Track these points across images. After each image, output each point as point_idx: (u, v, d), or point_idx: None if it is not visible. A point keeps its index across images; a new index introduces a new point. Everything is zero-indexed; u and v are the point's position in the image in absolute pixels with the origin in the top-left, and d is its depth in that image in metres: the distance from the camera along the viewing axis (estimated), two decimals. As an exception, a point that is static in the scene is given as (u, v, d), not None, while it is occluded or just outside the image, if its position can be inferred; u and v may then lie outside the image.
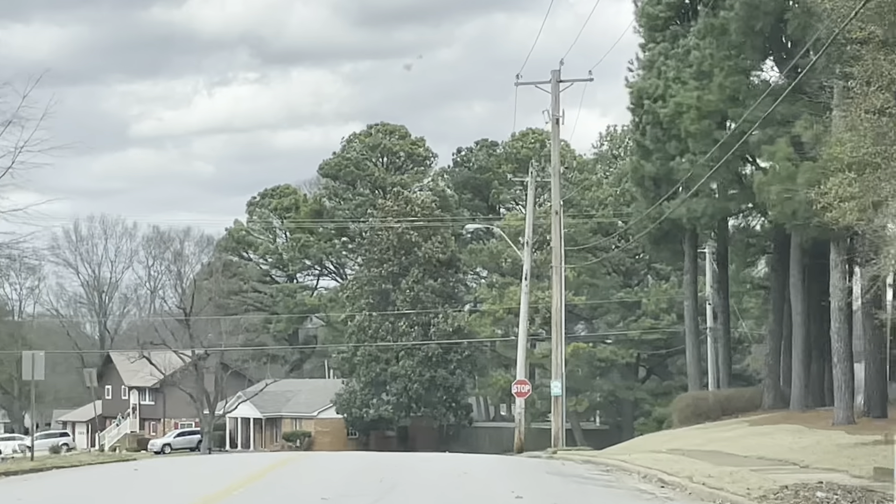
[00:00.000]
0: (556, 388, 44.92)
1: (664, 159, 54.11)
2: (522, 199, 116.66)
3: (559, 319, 44.33)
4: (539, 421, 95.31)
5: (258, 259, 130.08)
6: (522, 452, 58.71)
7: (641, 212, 57.90)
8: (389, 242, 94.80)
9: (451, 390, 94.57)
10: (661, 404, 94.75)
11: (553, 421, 45.49)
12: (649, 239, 59.31)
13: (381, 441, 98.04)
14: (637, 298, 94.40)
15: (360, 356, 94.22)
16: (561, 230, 45.32)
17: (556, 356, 44.56)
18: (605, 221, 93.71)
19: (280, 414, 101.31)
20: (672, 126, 52.46)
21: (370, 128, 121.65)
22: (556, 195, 45.12)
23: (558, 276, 44.66)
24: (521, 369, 58.81)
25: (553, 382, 45.00)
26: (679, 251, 60.63)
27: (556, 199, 45.09)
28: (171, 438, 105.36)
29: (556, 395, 45.16)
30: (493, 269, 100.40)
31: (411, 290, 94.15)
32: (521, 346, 58.84)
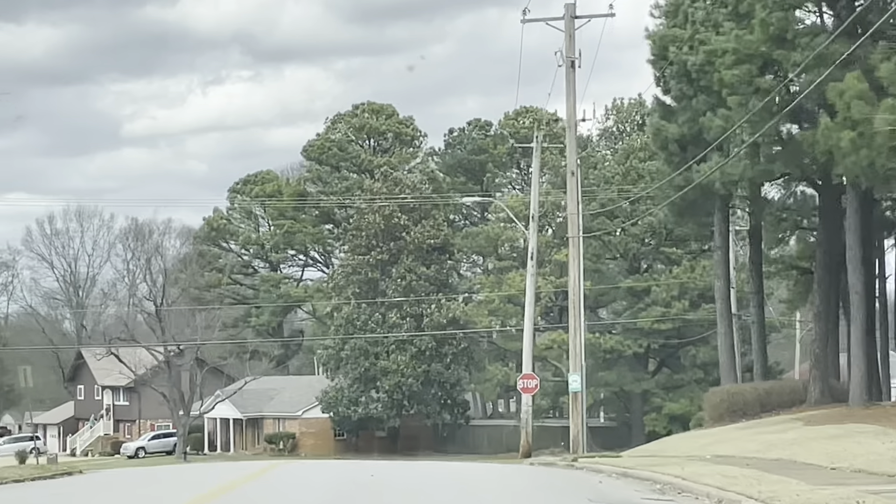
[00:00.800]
0: (575, 382, 37.76)
1: (692, 118, 46.96)
2: (519, 182, 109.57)
3: (578, 300, 37.19)
4: (540, 419, 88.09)
5: (239, 250, 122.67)
6: (530, 457, 51.49)
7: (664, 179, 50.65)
8: (377, 227, 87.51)
9: (447, 386, 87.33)
10: (673, 399, 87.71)
11: (572, 421, 38.36)
12: (672, 210, 52.10)
13: (370, 442, 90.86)
14: (646, 285, 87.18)
15: (348, 351, 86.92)
16: (578, 194, 38.20)
17: (574, 345, 37.42)
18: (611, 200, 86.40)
19: (262, 414, 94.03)
20: (702, 77, 45.29)
21: (356, 108, 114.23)
22: (571, 152, 37.96)
23: (576, 249, 37.49)
24: (528, 362, 51.69)
25: (571, 376, 37.87)
26: (706, 224, 53.42)
27: (571, 158, 37.93)
28: (146, 442, 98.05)
29: (575, 391, 38.01)
30: (490, 254, 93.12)
31: (402, 278, 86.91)
32: (528, 335, 51.69)
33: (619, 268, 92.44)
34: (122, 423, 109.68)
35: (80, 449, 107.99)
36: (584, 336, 37.82)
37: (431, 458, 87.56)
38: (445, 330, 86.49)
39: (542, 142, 52.63)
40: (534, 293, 52.41)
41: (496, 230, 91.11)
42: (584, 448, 37.91)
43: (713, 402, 48.77)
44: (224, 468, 43.48)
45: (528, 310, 51.88)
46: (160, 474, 40.00)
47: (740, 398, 47.89)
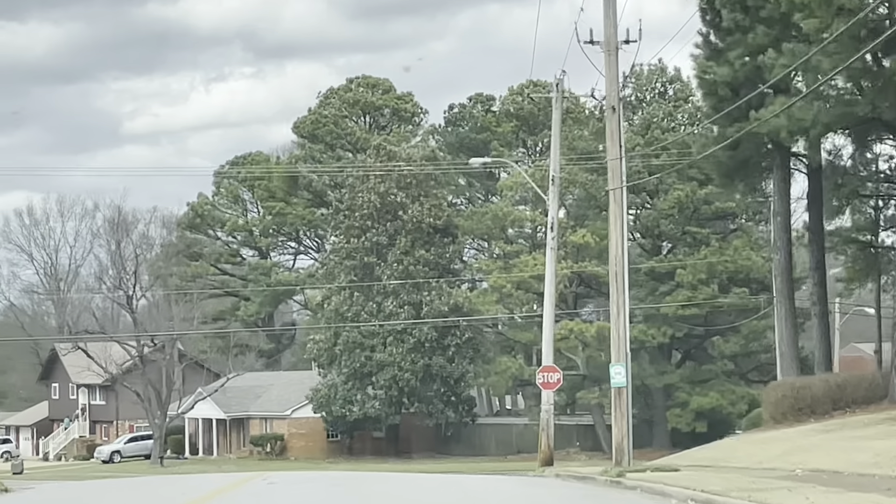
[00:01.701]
0: (619, 375, 29.46)
1: (746, 54, 38.61)
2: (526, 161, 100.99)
3: (621, 271, 28.87)
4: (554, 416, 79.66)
5: (226, 237, 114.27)
6: (552, 464, 43.18)
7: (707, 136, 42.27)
8: (372, 206, 79.11)
9: (450, 381, 78.98)
10: (700, 393, 79.29)
11: (615, 423, 30.02)
12: (719, 172, 43.75)
13: (366, 444, 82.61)
14: (670, 267, 78.73)
15: (341, 343, 78.57)
16: (621, 134, 29.83)
17: (617, 328, 29.10)
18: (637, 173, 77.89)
19: (248, 413, 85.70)
20: (762, 4, 36.96)
21: (350, 82, 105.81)
22: (612, 82, 29.63)
23: (619, 206, 29.13)
24: (548, 352, 43.41)
25: (614, 368, 29.56)
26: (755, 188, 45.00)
27: (612, 89, 29.59)
28: (122, 445, 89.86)
29: (620, 386, 29.68)
30: (497, 236, 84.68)
31: (399, 262, 78.54)
32: (548, 321, 43.41)
33: (640, 249, 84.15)
34: (98, 425, 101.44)
35: (54, 453, 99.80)
36: (628, 316, 29.38)
37: (434, 461, 79.30)
38: (448, 319, 78.20)
39: (563, 91, 44.15)
40: (555, 271, 44.05)
41: (504, 209, 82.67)
42: (629, 457, 29.58)
43: (774, 399, 40.42)
44: (179, 485, 35.20)
45: (549, 291, 43.56)
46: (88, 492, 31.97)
47: (807, 393, 39.52)
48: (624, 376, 29.40)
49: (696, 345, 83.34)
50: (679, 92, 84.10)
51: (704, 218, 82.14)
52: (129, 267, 78.30)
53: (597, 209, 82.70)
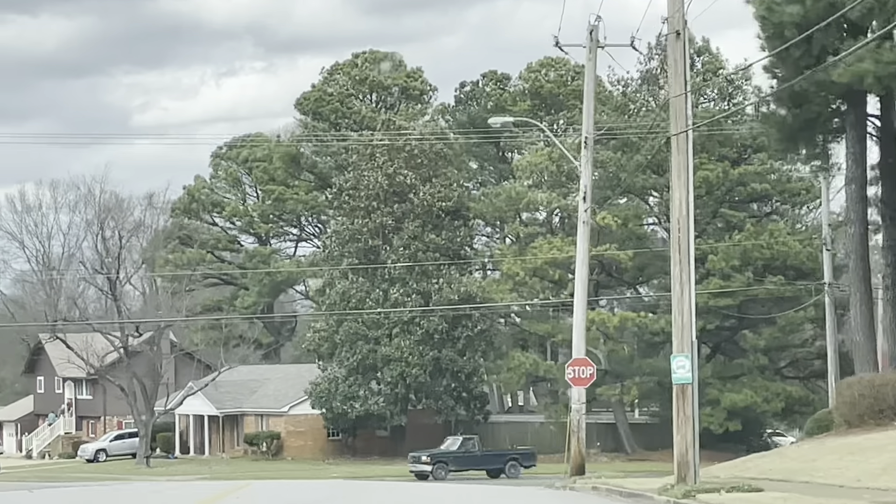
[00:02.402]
0: (683, 368, 23.15)
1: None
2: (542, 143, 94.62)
3: (686, 235, 22.63)
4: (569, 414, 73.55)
5: (224, 223, 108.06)
6: (584, 473, 36.97)
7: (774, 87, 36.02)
8: (378, 186, 72.87)
9: (461, 376, 72.75)
10: (732, 390, 73.02)
11: (677, 428, 23.68)
12: (780, 132, 37.41)
13: (370, 443, 76.48)
14: (700, 253, 72.25)
15: (342, 333, 72.36)
16: (686, 67, 23.66)
17: (681, 308, 22.78)
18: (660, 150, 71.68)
19: (242, 410, 79.52)
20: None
21: (356, 57, 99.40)
22: (675, 2, 23.52)
23: (683, 154, 22.90)
24: (580, 342, 37.28)
25: (676, 359, 23.24)
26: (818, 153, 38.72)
27: (675, 8, 23.48)
28: (107, 443, 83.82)
29: (684, 382, 23.42)
30: (512, 219, 78.38)
31: (407, 247, 72.30)
32: (580, 306, 37.28)
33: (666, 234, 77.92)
34: (85, 421, 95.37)
35: (37, 450, 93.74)
36: (693, 294, 23.05)
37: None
38: (459, 309, 72.02)
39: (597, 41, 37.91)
40: (587, 248, 37.86)
41: (519, 189, 76.34)
42: (696, 472, 23.32)
43: (848, 398, 34.11)
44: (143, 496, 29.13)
45: (581, 272, 37.43)
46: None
47: (889, 392, 33.20)
48: (689, 370, 23.14)
49: (726, 338, 77.11)
50: (708, 64, 77.85)
51: (738, 200, 75.96)
52: (112, 250, 72.05)
53: (619, 189, 76.50)
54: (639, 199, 78.29)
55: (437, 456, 61.59)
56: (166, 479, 64.06)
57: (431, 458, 61.03)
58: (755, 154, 74.34)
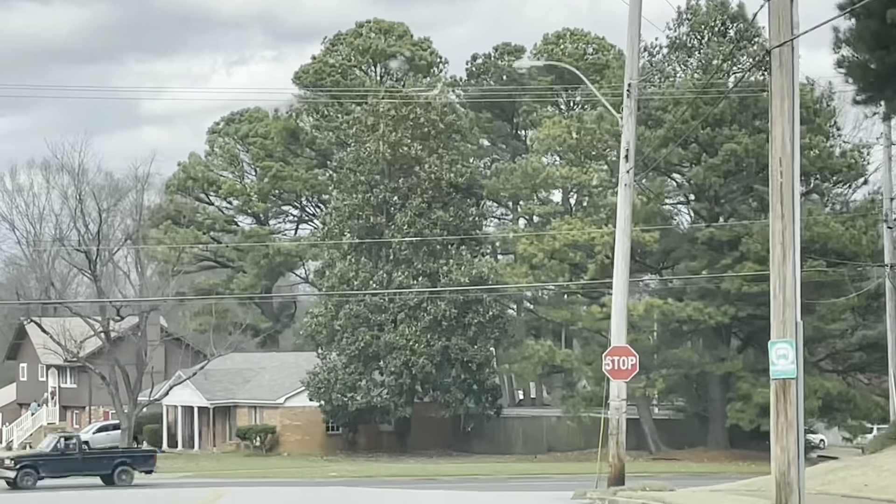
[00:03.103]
0: (786, 359, 17.24)
1: None
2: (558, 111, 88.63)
3: (790, 179, 16.71)
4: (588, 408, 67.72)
5: (220, 203, 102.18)
6: (623, 482, 31.06)
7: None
8: (381, 157, 66.97)
9: (471, 367, 66.80)
10: (765, 384, 66.68)
11: (777, 436, 17.58)
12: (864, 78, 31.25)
13: (373, 438, 70.74)
14: (732, 235, 66.46)
15: (343, 319, 66.49)
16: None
17: (783, 278, 16.87)
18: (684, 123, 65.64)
19: (234, 401, 73.70)
20: None
21: (359, 26, 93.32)
22: None
23: (787, 74, 16.93)
24: (620, 328, 31.48)
25: (776, 347, 17.24)
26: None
27: None
28: (90, 435, 77.69)
29: (786, 377, 17.50)
30: (528, 196, 72.35)
31: (412, 224, 66.38)
32: (620, 285, 31.51)
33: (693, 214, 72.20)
34: (69, 411, 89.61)
35: (19, 441, 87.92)
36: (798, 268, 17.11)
37: (451, 460, 67.37)
38: (470, 293, 66.14)
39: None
40: (630, 216, 31.95)
41: (535, 165, 70.33)
42: (801, 495, 17.35)
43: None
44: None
45: (622, 244, 31.57)
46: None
47: None
48: (793, 360, 17.24)
49: (759, 327, 70.84)
50: (742, 32, 71.66)
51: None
52: (92, 226, 66.19)
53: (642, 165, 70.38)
54: (664, 176, 72.22)
55: (24, 459, 50.49)
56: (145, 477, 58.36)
57: (16, 461, 49.60)
58: (792, 127, 68.28)
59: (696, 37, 71.32)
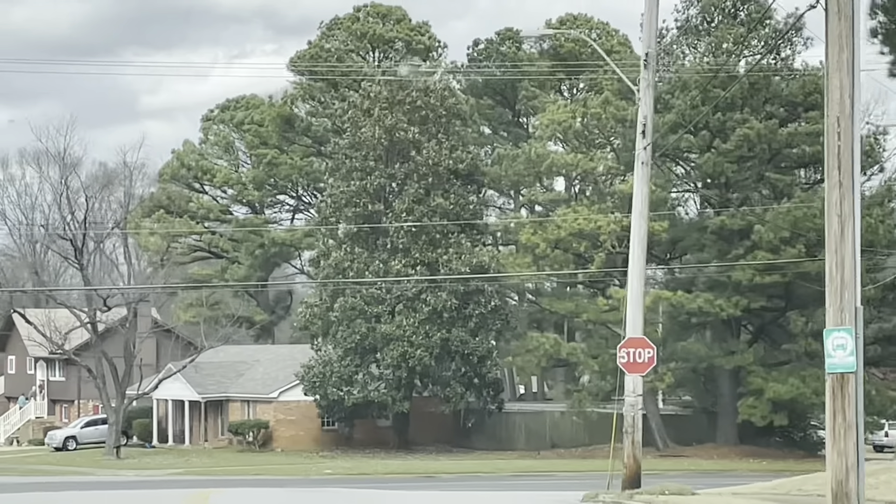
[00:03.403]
0: (844, 349, 14.77)
1: None
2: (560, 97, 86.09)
3: (850, 141, 14.31)
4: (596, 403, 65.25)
5: (215, 192, 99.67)
6: (639, 484, 28.59)
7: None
8: (378, 142, 64.46)
9: (472, 360, 64.33)
10: (779, 379, 64.51)
11: (833, 438, 15.07)
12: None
13: (370, 433, 68.29)
14: (744, 224, 63.96)
15: (338, 310, 64.00)
16: None
17: (840, 258, 14.45)
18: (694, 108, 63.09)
19: (227, 395, 71.19)
20: None
21: (356, 10, 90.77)
22: None
23: (846, 21, 14.52)
24: (636, 316, 29.07)
25: (833, 336, 14.86)
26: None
27: None
28: (78, 429, 75.65)
29: (845, 371, 14.98)
30: (531, 183, 69.84)
31: (410, 212, 63.88)
32: (636, 271, 29.03)
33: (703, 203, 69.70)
34: (58, 404, 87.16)
35: (5, 436, 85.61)
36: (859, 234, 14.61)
37: (451, 457, 64.90)
38: (470, 283, 63.61)
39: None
40: (647, 195, 29.45)
41: (539, 150, 67.81)
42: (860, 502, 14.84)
43: None
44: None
45: (638, 227, 29.08)
46: None
47: None
48: (852, 351, 14.69)
49: (771, 320, 68.56)
50: (754, 13, 69.13)
51: (786, 164, 67.50)
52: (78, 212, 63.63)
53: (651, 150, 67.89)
54: (672, 163, 69.70)
55: None
56: (134, 475, 56.03)
57: None
58: (806, 113, 65.69)
59: (707, 19, 68.80)
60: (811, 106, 65.44)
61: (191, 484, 47.30)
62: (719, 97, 62.27)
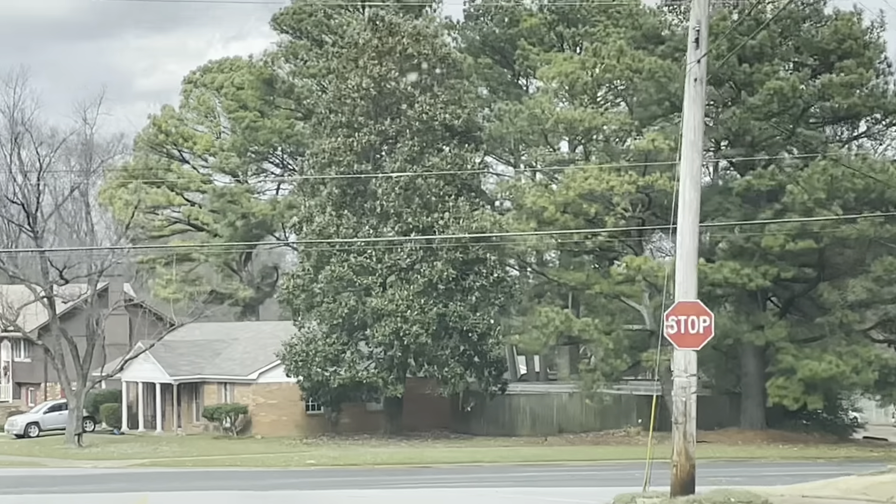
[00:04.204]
0: None
1: None
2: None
3: None
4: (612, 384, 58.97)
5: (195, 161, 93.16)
6: (693, 491, 22.10)
7: None
8: (365, 94, 57.92)
9: (472, 336, 57.82)
10: (812, 356, 58.13)
11: None
12: None
13: (360, 419, 62.11)
14: (773, 184, 57.53)
15: (323, 281, 57.51)
16: None
17: None
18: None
19: (201, 377, 64.75)
20: None
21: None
22: None
23: None
24: (688, 277, 22.48)
25: None
26: None
27: None
28: (40, 415, 69.35)
29: None
30: (536, 142, 63.26)
31: (402, 171, 57.37)
32: (688, 221, 22.53)
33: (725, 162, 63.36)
34: (24, 388, 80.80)
35: (-32, 421, 79.22)
36: None
37: (450, 444, 58.65)
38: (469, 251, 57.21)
39: None
40: (701, 120, 22.82)
41: (545, 105, 61.30)
42: None
43: None
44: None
45: (689, 161, 22.51)
46: None
47: None
48: None
49: (801, 291, 62.18)
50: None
51: (819, 119, 61.17)
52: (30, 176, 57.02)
53: (669, 106, 61.58)
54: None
55: None
56: (91, 466, 49.79)
57: None
58: (840, 62, 59.18)
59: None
60: (845, 54, 59.16)
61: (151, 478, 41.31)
62: (743, 42, 55.89)
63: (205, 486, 35.06)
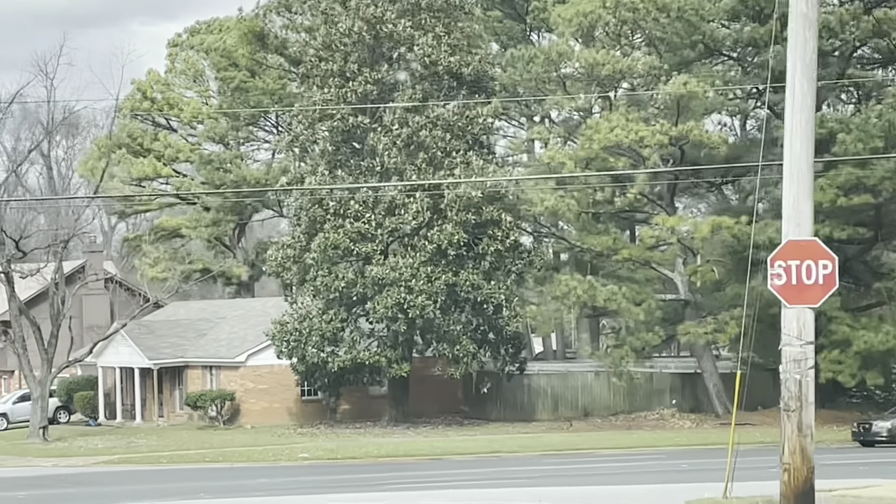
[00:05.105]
0: None
1: None
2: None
3: None
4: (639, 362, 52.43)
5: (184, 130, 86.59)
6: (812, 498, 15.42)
7: None
8: (359, 38, 51.21)
9: (487, 310, 51.12)
10: (869, 326, 51.62)
11: None
12: None
13: (361, 404, 55.83)
14: (825, 132, 50.71)
15: (317, 249, 50.86)
16: None
17: None
18: None
19: (184, 360, 58.25)
20: None
21: None
22: None
23: None
24: (803, 208, 15.83)
25: None
26: None
27: None
28: (9, 406, 62.98)
29: None
30: (552, 91, 56.37)
31: (404, 124, 50.71)
32: (803, 140, 16.06)
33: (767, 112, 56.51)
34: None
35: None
36: None
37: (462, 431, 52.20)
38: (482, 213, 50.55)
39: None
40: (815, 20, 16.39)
41: (561, 48, 54.52)
42: None
43: None
44: None
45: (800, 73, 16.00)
46: None
47: None
48: None
49: (854, 254, 55.50)
50: None
51: (873, 59, 54.60)
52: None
53: (703, 49, 54.92)
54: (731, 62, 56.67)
55: None
56: (52, 465, 43.45)
57: None
58: (896, -7, 52.64)
59: None
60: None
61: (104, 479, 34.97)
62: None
63: (158, 493, 28.72)
